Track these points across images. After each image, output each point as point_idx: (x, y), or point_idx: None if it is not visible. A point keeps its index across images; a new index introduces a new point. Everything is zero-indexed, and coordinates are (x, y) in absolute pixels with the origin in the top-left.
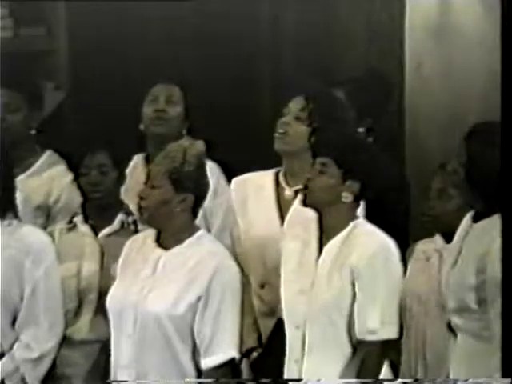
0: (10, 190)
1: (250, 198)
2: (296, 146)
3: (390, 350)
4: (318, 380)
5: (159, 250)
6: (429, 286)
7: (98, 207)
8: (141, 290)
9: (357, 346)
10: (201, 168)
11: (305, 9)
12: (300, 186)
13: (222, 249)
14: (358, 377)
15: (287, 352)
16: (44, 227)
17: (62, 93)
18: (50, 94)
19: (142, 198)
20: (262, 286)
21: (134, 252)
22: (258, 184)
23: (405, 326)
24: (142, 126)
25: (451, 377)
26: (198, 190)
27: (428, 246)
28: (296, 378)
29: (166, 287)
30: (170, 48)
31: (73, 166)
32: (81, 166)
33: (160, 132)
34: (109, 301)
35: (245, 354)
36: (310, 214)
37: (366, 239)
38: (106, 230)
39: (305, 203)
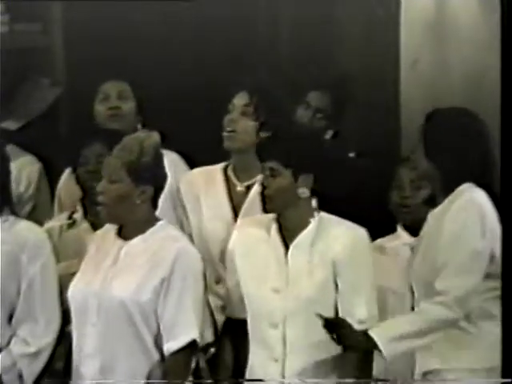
0: (6, 185)
1: (201, 194)
2: (245, 143)
3: None
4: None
5: (120, 242)
6: (402, 281)
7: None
8: (104, 279)
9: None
10: (158, 159)
11: (301, 6)
12: (250, 182)
13: (183, 235)
14: (357, 367)
15: (251, 351)
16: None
17: (58, 89)
18: (45, 91)
19: (101, 193)
20: (218, 282)
21: (94, 248)
22: (209, 180)
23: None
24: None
25: (417, 368)
26: (157, 181)
27: (395, 242)
28: (278, 377)
29: (129, 274)
30: (163, 46)
31: (71, 158)
32: (79, 158)
33: (115, 128)
34: (70, 293)
35: (203, 349)
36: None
37: (340, 231)
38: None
39: (265, 210)
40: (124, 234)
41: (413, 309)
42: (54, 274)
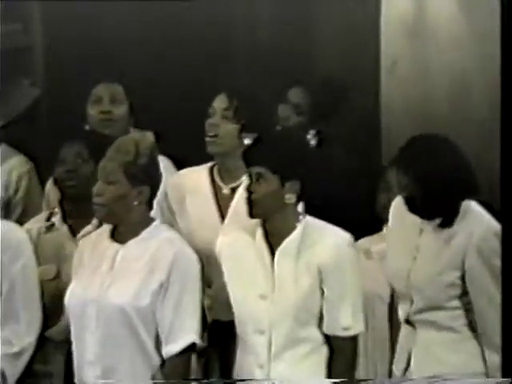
0: None
1: (187, 196)
2: (227, 147)
3: None
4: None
5: (115, 245)
6: (389, 287)
7: (76, 203)
8: (101, 286)
9: (331, 343)
10: (154, 159)
11: (279, 6)
12: (235, 184)
13: (179, 237)
14: (336, 373)
15: (238, 356)
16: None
17: (38, 89)
18: (25, 90)
19: (97, 195)
20: (209, 286)
21: (87, 252)
22: (194, 182)
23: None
24: (87, 127)
25: (412, 371)
26: (153, 181)
27: (381, 245)
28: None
29: (126, 280)
30: (144, 47)
31: (49, 159)
32: (58, 158)
33: (108, 133)
34: (68, 300)
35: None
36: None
37: (325, 237)
38: (85, 231)
39: (251, 215)
40: (118, 236)
41: (407, 320)
42: (35, 274)
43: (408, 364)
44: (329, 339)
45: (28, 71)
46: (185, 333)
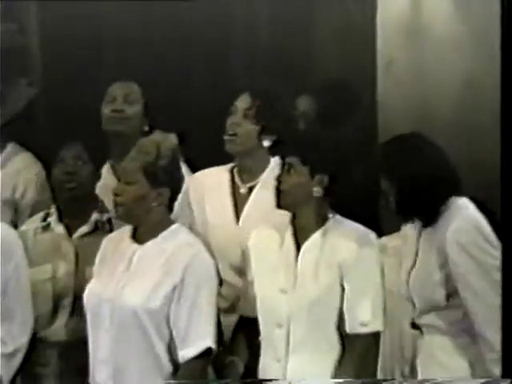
0: None
1: (206, 194)
2: (246, 146)
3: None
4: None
5: (134, 245)
6: (404, 284)
7: (73, 203)
8: (116, 285)
9: (348, 340)
10: (175, 161)
11: (278, 8)
12: (253, 183)
13: (197, 240)
14: (356, 372)
15: (262, 351)
16: (14, 223)
17: (35, 89)
18: (22, 90)
19: (117, 195)
20: (220, 284)
21: (109, 250)
22: (215, 180)
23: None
24: (103, 126)
25: (419, 374)
26: (174, 183)
27: (397, 241)
28: (279, 376)
29: (141, 281)
30: (142, 46)
31: (47, 160)
32: (56, 159)
33: (119, 130)
34: (86, 297)
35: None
36: (281, 213)
37: (347, 233)
38: (81, 231)
39: (279, 205)
40: (138, 236)
41: (413, 324)
42: (26, 273)
43: (414, 368)
44: (348, 338)
45: (25, 71)
46: (200, 337)
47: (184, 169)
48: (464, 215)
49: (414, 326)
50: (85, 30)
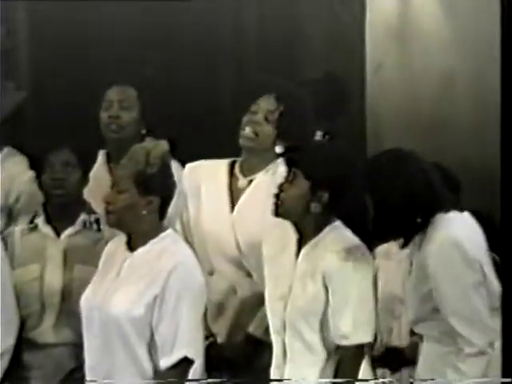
0: None
1: (202, 184)
2: (262, 146)
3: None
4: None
5: (126, 253)
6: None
7: (60, 207)
8: (106, 292)
9: (335, 351)
10: (165, 169)
11: (266, 9)
12: (254, 176)
13: (185, 249)
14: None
15: (273, 358)
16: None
17: (23, 92)
18: (10, 94)
19: (108, 203)
20: (211, 274)
21: (108, 256)
22: (212, 171)
23: (386, 328)
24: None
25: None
26: (164, 191)
27: (396, 249)
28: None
29: (127, 289)
30: (132, 49)
31: (35, 164)
32: (44, 164)
33: (116, 137)
34: (81, 303)
35: None
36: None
37: (336, 244)
38: (68, 231)
39: (277, 213)
40: (132, 244)
41: (412, 331)
42: (8, 273)
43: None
44: (335, 349)
45: (13, 75)
46: (178, 346)
47: (179, 172)
48: (442, 234)
49: (412, 333)
50: (74, 33)
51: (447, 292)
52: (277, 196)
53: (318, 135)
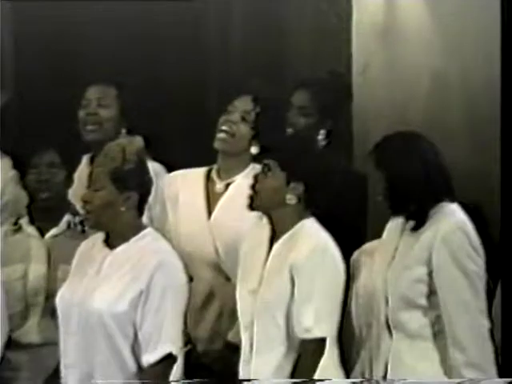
0: None
1: (180, 193)
2: (238, 147)
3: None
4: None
5: (106, 250)
6: (380, 283)
7: (45, 208)
8: (85, 290)
9: (300, 344)
10: (142, 164)
11: (252, 8)
12: (230, 180)
13: (167, 246)
14: (292, 376)
15: (241, 354)
16: None
17: (7, 93)
18: None
19: (86, 202)
20: (191, 279)
21: (84, 255)
22: (190, 179)
23: (365, 324)
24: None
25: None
26: (141, 187)
27: (373, 243)
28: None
29: (109, 285)
30: (115, 48)
31: (20, 165)
32: (29, 165)
33: (95, 137)
34: (57, 301)
35: None
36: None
37: (305, 238)
38: (53, 231)
39: (251, 206)
40: (111, 241)
41: (387, 324)
42: None
43: (386, 371)
44: (300, 342)
45: None
46: (162, 342)
47: (159, 169)
48: (453, 219)
49: (387, 326)
50: (58, 32)
51: (453, 282)
52: (252, 187)
53: (321, 134)
